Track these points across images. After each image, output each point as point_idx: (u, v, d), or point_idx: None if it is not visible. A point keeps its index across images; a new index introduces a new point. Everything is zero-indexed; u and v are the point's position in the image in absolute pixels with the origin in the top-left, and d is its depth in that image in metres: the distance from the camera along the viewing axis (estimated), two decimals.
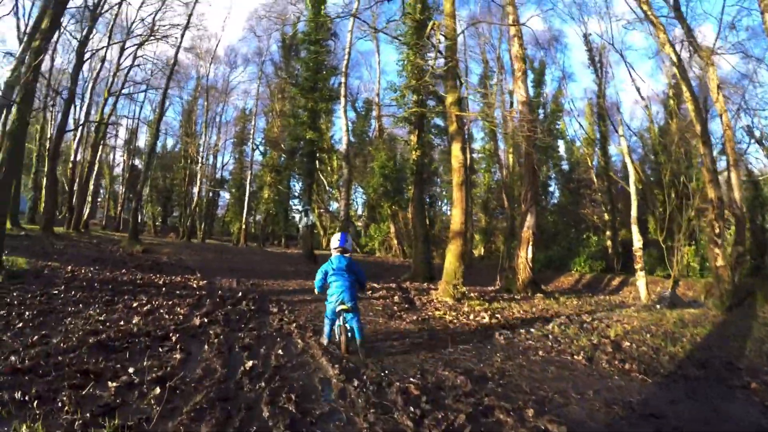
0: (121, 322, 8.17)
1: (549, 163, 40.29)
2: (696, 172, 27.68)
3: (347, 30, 28.77)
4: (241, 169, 53.10)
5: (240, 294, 12.76)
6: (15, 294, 9.68)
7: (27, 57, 12.95)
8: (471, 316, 11.80)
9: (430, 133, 25.39)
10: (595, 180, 36.53)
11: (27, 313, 8.18)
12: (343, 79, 28.14)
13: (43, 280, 11.91)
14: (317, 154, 30.89)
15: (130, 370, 5.66)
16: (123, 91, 39.44)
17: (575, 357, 7.90)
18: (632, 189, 20.86)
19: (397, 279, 21.07)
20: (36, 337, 6.80)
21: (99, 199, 63.63)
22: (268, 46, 49.29)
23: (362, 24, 26.97)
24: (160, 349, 6.77)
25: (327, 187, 44.33)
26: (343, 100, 27.99)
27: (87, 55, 32.16)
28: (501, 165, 37.24)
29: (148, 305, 9.91)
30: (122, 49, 36.03)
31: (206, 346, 7.16)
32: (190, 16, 31.66)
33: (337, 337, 7.69)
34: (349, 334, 7.47)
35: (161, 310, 9.54)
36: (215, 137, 53.53)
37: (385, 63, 45.39)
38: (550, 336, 9.52)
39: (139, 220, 51.02)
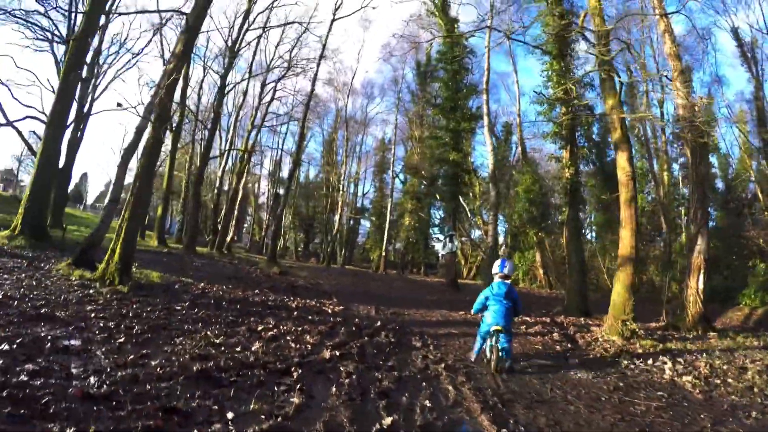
0: (238, 348, 6.92)
1: None
2: None
3: (484, 46, 27.77)
4: (381, 198, 53.09)
5: (378, 323, 11.26)
6: (135, 306, 8.97)
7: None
8: (650, 361, 9.47)
9: (584, 147, 22.89)
10: (761, 197, 31.63)
11: (137, 327, 7.26)
12: (485, 96, 26.64)
13: (170, 294, 11.33)
14: (461, 177, 29.25)
15: (229, 415, 4.27)
16: (266, 124, 41.64)
17: None
18: None
19: (548, 312, 18.74)
20: (133, 356, 5.72)
21: (245, 225, 67.11)
22: (403, 74, 49.57)
23: (499, 39, 25.58)
24: (276, 388, 5.35)
25: (469, 215, 42.53)
26: (486, 118, 26.42)
27: (228, 88, 34.25)
28: (657, 183, 33.31)
29: (275, 330, 8.68)
30: (263, 85, 37.91)
31: (334, 388, 5.65)
32: (324, 46, 31.82)
33: (488, 355, 7.90)
34: (501, 353, 7.64)
35: (288, 337, 8.24)
36: (355, 166, 54.57)
37: (522, 84, 44.01)
38: (755, 389, 7.58)
39: (282, 246, 53.01)
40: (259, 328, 8.65)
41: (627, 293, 12.99)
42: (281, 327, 9.05)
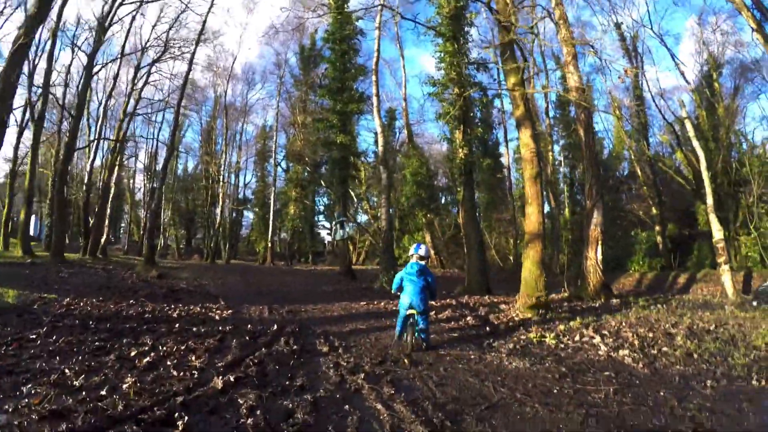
0: (104, 391, 5.31)
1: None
2: (749, 156, 26.90)
3: (374, 27, 27.50)
4: (264, 187, 51.99)
5: (275, 327, 9.75)
6: None
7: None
8: (577, 338, 9.00)
9: (478, 127, 22.69)
10: (639, 173, 33.87)
11: None
12: (374, 77, 25.83)
13: (26, 318, 9.46)
14: (349, 161, 28.31)
15: None
16: (140, 112, 38.99)
17: (753, 382, 6.17)
18: (705, 174, 18.43)
19: (450, 293, 18.25)
20: None
21: (122, 225, 63.10)
22: (286, 58, 48.47)
23: (387, 23, 25.14)
24: None
25: (355, 200, 41.93)
26: (375, 99, 25.58)
27: (97, 69, 30.92)
28: (544, 163, 34.46)
29: (152, 354, 7.11)
30: (137, 68, 34.97)
31: None
32: (204, 23, 29.43)
33: (405, 337, 8.17)
34: (417, 333, 8.11)
35: (168, 362, 6.72)
36: (236, 156, 52.53)
37: (407, 70, 44.23)
38: (694, 355, 7.52)
39: (162, 244, 50.26)
40: (132, 354, 7.08)
41: (538, 269, 12.64)
42: (160, 348, 7.52)
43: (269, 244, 45.10)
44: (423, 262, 8.48)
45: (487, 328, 10.36)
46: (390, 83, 61.85)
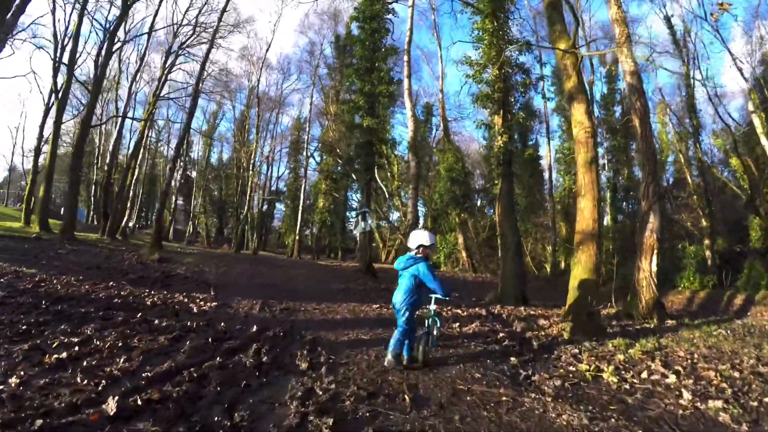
0: None
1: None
2: None
3: (407, 5, 25.56)
4: (296, 179, 51.30)
5: (255, 328, 7.74)
6: None
7: None
8: (644, 374, 6.51)
9: (518, 113, 20.33)
10: (690, 180, 31.15)
11: None
12: (405, 57, 23.93)
13: None
14: (375, 147, 25.85)
15: None
16: (171, 96, 38.62)
17: None
18: None
19: (480, 300, 16.09)
20: None
21: (155, 210, 63.66)
22: (322, 49, 47.56)
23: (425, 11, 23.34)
24: None
25: (386, 195, 40.00)
26: (406, 81, 23.60)
27: (116, 46, 30.78)
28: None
29: (76, 348, 5.47)
30: (168, 52, 34.54)
31: None
32: (227, 1, 28.04)
33: (416, 350, 6.28)
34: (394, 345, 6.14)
35: (85, 362, 5.00)
36: (269, 146, 51.73)
37: (445, 62, 41.92)
38: None
39: (192, 231, 50.05)
40: (54, 345, 5.50)
41: (591, 278, 10.40)
42: (95, 341, 5.86)
43: (297, 237, 43.52)
44: (415, 253, 6.27)
45: (524, 351, 7.83)
46: (427, 76, 60.55)
